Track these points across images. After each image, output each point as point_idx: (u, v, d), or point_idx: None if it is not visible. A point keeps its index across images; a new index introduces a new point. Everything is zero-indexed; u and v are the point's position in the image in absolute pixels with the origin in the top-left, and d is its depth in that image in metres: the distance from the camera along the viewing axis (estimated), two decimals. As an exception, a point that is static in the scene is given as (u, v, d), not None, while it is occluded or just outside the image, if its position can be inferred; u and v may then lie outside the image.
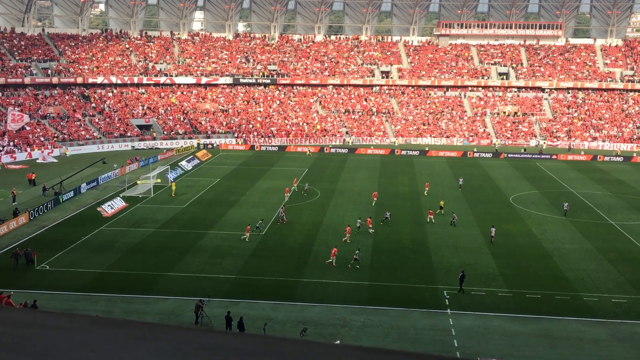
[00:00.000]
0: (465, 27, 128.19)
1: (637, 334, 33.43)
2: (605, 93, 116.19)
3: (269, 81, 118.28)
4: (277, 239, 49.70)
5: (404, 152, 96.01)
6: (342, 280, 40.46)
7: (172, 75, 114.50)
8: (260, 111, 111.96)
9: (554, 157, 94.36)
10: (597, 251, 47.54)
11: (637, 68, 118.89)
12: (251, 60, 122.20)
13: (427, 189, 67.75)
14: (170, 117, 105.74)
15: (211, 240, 48.90)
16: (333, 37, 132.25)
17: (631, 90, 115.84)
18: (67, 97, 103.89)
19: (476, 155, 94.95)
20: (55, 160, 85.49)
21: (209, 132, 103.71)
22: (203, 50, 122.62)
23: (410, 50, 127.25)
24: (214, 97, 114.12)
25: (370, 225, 51.87)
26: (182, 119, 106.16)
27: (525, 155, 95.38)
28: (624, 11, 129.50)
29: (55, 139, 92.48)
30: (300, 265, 43.20)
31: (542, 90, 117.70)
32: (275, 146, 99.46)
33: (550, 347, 31.70)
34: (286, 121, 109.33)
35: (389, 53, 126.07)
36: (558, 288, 39.77)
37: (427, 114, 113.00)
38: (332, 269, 42.32)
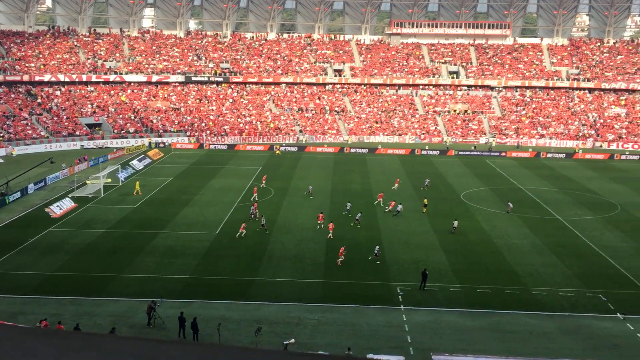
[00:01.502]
0: (416, 26, 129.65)
1: (584, 326, 34.42)
2: (552, 91, 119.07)
3: (221, 79, 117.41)
4: (230, 238, 49.43)
5: (353, 150, 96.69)
6: (296, 279, 40.53)
7: (122, 73, 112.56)
8: (212, 109, 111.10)
9: (503, 154, 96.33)
10: (545, 246, 48.75)
11: (582, 67, 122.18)
12: (203, 58, 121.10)
13: (397, 184, 69.29)
14: (121, 116, 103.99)
15: (164, 241, 48.34)
16: (286, 36, 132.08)
17: (576, 89, 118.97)
18: (12, 96, 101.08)
19: (424, 152, 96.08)
20: (1, 160, 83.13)
21: (161, 131, 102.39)
22: (154, 47, 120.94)
23: (363, 48, 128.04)
24: (166, 96, 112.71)
25: (324, 225, 52.06)
26: (132, 117, 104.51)
27: (476, 153, 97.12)
28: (569, 11, 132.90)
29: (0, 138, 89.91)
30: (254, 264, 43.10)
31: (491, 88, 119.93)
32: (225, 144, 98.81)
33: (501, 341, 32.40)
34: (239, 120, 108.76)
35: (341, 51, 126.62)
36: (508, 283, 40.67)
37: (380, 112, 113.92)
38: (286, 267, 42.36)
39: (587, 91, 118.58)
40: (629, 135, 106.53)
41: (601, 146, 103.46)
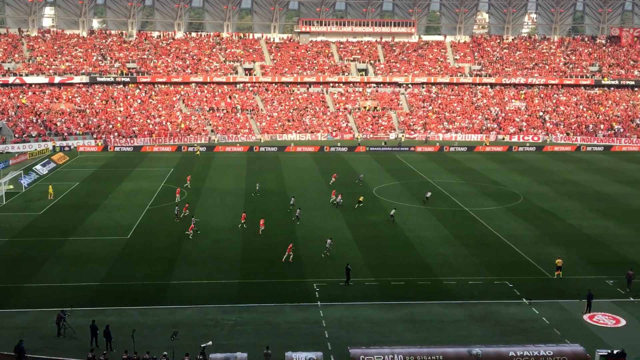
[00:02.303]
0: (325, 25, 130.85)
1: (492, 313, 35.90)
2: (456, 87, 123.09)
3: (128, 80, 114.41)
4: (143, 242, 48.39)
5: (263, 149, 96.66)
6: (212, 280, 40.19)
7: (21, 75, 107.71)
8: (120, 111, 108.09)
9: (412, 149, 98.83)
10: (454, 237, 50.44)
11: (484, 63, 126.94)
12: (108, 58, 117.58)
13: (334, 179, 71.14)
14: (22, 119, 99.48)
15: (73, 247, 46.74)
16: (194, 34, 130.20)
17: (479, 84, 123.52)
18: None
19: (333, 149, 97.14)
20: None
21: (66, 134, 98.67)
22: (55, 48, 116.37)
23: (272, 47, 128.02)
24: (70, 97, 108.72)
25: (247, 224, 51.86)
26: (34, 120, 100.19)
27: (386, 149, 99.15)
28: (470, 9, 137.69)
29: None
30: (169, 267, 42.41)
31: (399, 85, 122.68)
32: (131, 146, 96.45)
33: (415, 331, 33.35)
34: (148, 121, 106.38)
35: (251, 50, 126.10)
36: (420, 274, 41.86)
37: (291, 110, 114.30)
38: (201, 269, 41.95)
39: (489, 86, 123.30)
40: (528, 128, 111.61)
41: (503, 139, 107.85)
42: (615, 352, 29.62)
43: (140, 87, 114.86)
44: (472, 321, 34.79)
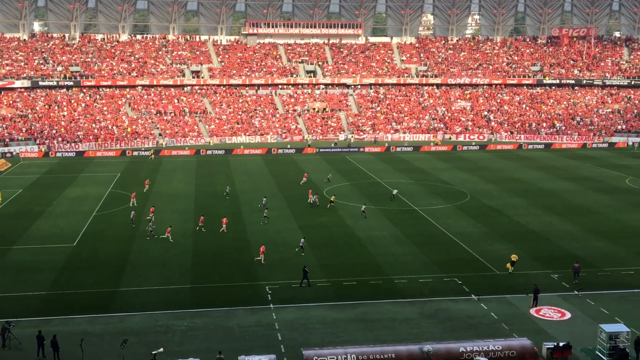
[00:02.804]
0: (272, 27, 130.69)
1: (442, 309, 36.47)
2: (404, 88, 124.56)
3: (72, 83, 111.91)
4: (90, 249, 47.42)
5: (211, 152, 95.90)
6: (162, 286, 39.68)
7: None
8: (64, 115, 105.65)
9: (362, 149, 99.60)
10: (404, 236, 51.04)
11: (429, 64, 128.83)
12: (50, 62, 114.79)
13: (305, 179, 72.37)
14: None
15: (17, 256, 45.46)
16: (139, 37, 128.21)
17: (425, 85, 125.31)
18: None
19: (282, 151, 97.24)
20: None
21: (7, 140, 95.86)
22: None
23: (220, 49, 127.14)
24: (10, 102, 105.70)
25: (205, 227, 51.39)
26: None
27: (336, 149, 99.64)
28: (415, 11, 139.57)
29: None
30: (117, 275, 41.68)
31: (347, 86, 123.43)
32: (74, 151, 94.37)
33: (367, 330, 33.61)
34: (94, 125, 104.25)
35: (198, 52, 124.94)
36: (372, 274, 42.21)
37: (240, 113, 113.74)
38: (151, 275, 41.37)
39: (435, 87, 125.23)
40: (474, 127, 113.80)
41: (450, 138, 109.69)
42: (561, 344, 30.47)
43: (85, 90, 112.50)
44: (423, 318, 35.28)
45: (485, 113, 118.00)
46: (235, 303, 37.02)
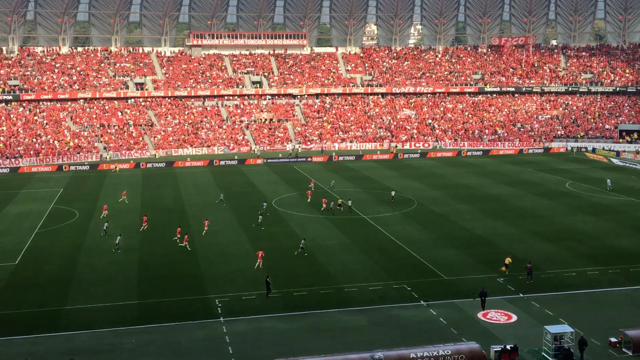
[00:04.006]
0: (217, 38, 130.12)
1: (393, 316, 36.80)
2: (349, 97, 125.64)
3: (10, 97, 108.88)
4: (33, 267, 46.07)
5: (156, 165, 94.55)
6: (109, 302, 38.84)
7: None
8: (2, 130, 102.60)
9: (309, 159, 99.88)
10: (353, 244, 51.34)
11: (374, 73, 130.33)
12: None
13: (312, 185, 74.55)
14: None
15: (-46, 278, 43.80)
16: (80, 49, 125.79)
17: (371, 94, 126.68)
18: None
19: (229, 162, 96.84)
20: None
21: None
22: None
23: (164, 61, 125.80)
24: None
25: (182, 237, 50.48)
26: None
27: (283, 160, 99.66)
28: (359, 21, 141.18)
29: None
30: (62, 292, 40.61)
31: (294, 96, 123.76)
32: (8, 167, 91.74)
33: (319, 340, 33.63)
34: (34, 140, 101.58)
35: (142, 64, 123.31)
36: (322, 283, 42.29)
37: (187, 125, 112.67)
38: (97, 292, 40.47)
39: (380, 96, 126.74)
40: (419, 135, 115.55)
41: (396, 146, 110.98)
42: (508, 347, 31.13)
43: (24, 104, 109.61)
44: (374, 326, 35.51)
45: (430, 121, 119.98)
46: (184, 317, 36.54)
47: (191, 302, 38.95)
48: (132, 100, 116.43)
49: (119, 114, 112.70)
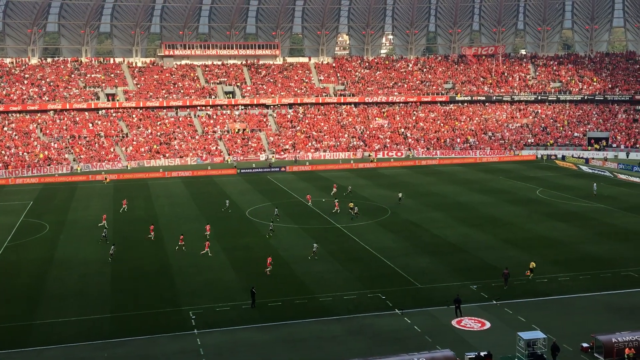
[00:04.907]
0: (189, 48, 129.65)
1: (368, 325, 36.87)
2: (322, 107, 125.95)
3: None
4: (1, 281, 45.24)
5: (129, 176, 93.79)
6: (81, 316, 38.32)
7: None
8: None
9: (283, 169, 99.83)
10: (328, 254, 51.36)
11: (347, 83, 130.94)
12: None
13: (335, 189, 76.55)
14: None
15: None
16: (50, 60, 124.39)
17: (344, 104, 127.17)
18: None
19: (202, 173, 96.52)
20: None
21: None
22: None
23: (135, 71, 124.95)
24: None
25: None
26: None
27: (257, 170, 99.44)
28: (331, 31, 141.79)
29: None
30: (31, 307, 39.95)
31: (267, 106, 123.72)
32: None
33: (294, 350, 33.55)
34: (3, 152, 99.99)
35: (112, 75, 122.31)
36: (297, 293, 42.22)
37: (159, 135, 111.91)
38: (68, 305, 39.89)
39: (353, 105, 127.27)
40: (392, 144, 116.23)
41: (369, 155, 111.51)
42: (482, 354, 31.37)
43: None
44: (349, 335, 35.54)
45: (402, 130, 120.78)
46: (158, 330, 36.18)
47: (164, 315, 38.60)
48: (103, 111, 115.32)
49: (90, 125, 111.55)
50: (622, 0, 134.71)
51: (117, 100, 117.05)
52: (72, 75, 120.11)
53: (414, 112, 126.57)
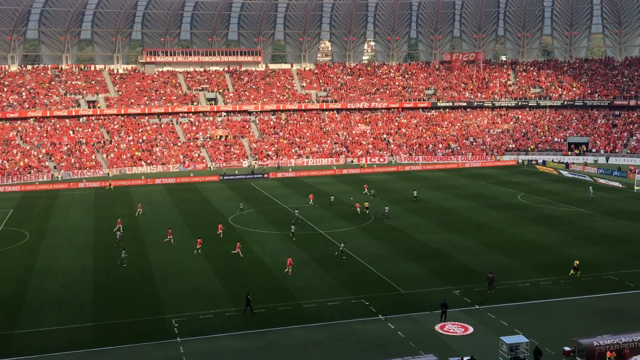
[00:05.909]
0: (170, 55, 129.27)
1: (352, 331, 36.89)
2: (305, 113, 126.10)
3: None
4: (-18, 291, 44.72)
5: (111, 183, 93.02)
6: (63, 326, 37.93)
7: None
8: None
9: (266, 175, 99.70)
10: (312, 260, 51.34)
11: (329, 89, 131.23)
12: None
13: (366, 189, 79.83)
14: None
15: None
16: (30, 67, 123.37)
17: (326, 110, 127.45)
18: None
19: (186, 180, 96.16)
20: None
21: None
22: None
23: (117, 78, 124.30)
24: None
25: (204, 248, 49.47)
26: None
27: (240, 176, 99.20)
28: (313, 38, 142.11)
29: None
30: (12, 316, 39.49)
31: (249, 113, 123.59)
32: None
33: (278, 357, 33.48)
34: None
35: (94, 82, 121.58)
36: (280, 299, 42.14)
37: (141, 142, 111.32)
38: (50, 315, 39.49)
39: (335, 112, 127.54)
40: (374, 150, 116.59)
41: (352, 161, 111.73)
42: (465, 359, 31.51)
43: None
44: (334, 341, 35.52)
45: (385, 136, 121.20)
46: (141, 339, 35.92)
47: (147, 323, 38.33)
48: (84, 118, 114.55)
49: (71, 132, 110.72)
50: (600, 7, 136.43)
51: (99, 107, 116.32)
52: (53, 83, 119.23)
53: (396, 118, 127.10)
